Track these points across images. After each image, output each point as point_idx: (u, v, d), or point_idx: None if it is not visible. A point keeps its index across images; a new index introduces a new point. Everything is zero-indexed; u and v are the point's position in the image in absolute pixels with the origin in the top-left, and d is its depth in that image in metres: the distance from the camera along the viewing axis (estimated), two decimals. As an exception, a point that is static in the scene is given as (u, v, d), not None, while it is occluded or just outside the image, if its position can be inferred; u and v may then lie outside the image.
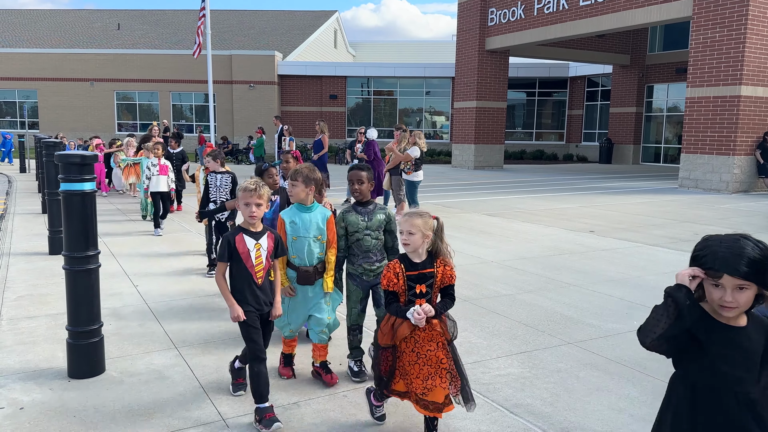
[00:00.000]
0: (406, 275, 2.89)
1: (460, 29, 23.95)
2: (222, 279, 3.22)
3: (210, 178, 6.20)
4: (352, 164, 11.88)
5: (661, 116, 26.78)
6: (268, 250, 3.27)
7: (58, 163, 3.67)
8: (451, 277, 2.98)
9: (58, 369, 3.85)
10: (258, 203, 3.18)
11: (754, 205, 12.67)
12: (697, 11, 15.50)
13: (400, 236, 2.96)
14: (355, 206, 3.68)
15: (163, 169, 9.06)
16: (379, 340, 3.00)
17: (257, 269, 3.22)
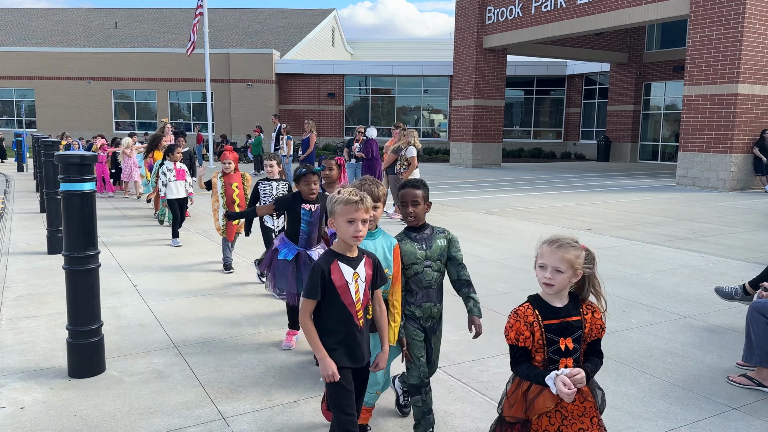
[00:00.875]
0: (543, 325, 2.21)
1: (458, 27, 23.95)
2: (309, 321, 2.48)
3: (263, 186, 5.39)
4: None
5: (659, 114, 26.82)
6: (367, 280, 2.55)
7: (57, 163, 3.68)
8: (601, 328, 2.30)
9: (58, 368, 3.87)
10: (364, 219, 2.46)
11: (751, 202, 12.71)
12: (694, 9, 15.53)
13: (542, 273, 2.24)
14: (408, 232, 3.04)
15: (180, 173, 8.22)
16: (504, 412, 2.31)
17: (357, 307, 2.51)
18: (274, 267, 4.10)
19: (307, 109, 31.97)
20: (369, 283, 2.55)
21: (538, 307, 2.23)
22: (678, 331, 4.66)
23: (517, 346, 2.22)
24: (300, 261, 4.07)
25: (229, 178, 6.41)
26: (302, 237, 4.12)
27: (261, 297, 5.56)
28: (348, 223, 2.44)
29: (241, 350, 4.21)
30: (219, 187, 6.42)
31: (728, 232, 9.07)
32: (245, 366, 3.93)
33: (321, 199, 4.12)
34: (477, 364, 3.98)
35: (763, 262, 6.66)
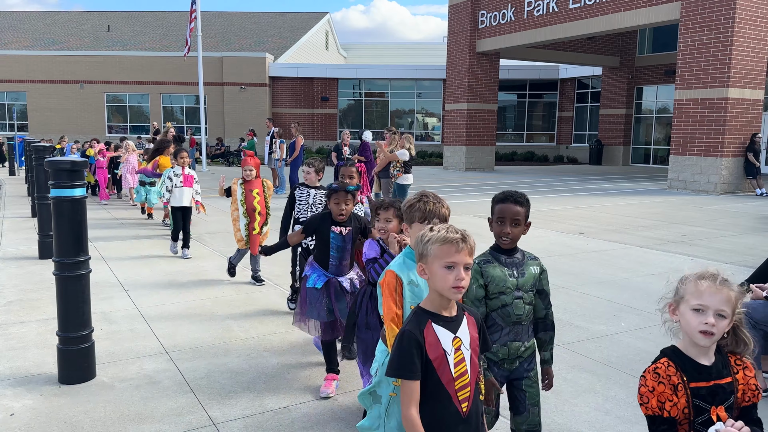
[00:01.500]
0: (690, 389, 1.75)
1: (451, 31, 24.03)
2: (417, 415, 1.82)
3: (300, 192, 5.03)
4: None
5: (651, 118, 26.98)
6: (473, 347, 1.97)
7: (48, 169, 3.68)
8: (757, 389, 1.81)
9: (48, 375, 3.86)
10: (468, 263, 1.90)
11: (741, 206, 12.80)
12: (684, 14, 15.65)
13: (699, 319, 1.76)
14: (496, 253, 2.55)
15: (188, 179, 7.64)
16: None
17: (459, 385, 1.89)
18: (303, 296, 3.71)
19: (300, 112, 31.98)
20: (476, 349, 1.97)
21: (681, 365, 1.77)
22: (668, 335, 4.68)
23: (660, 417, 1.74)
24: (330, 289, 3.67)
25: (250, 185, 6.02)
26: (332, 263, 3.69)
27: (252, 302, 5.56)
28: (447, 269, 1.85)
29: (232, 355, 4.21)
30: (239, 195, 6.03)
31: (719, 235, 9.13)
32: (236, 371, 3.93)
33: (353, 221, 3.73)
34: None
35: (753, 265, 6.71)
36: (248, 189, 6.02)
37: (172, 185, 7.53)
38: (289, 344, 4.43)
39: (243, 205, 6.01)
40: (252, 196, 5.99)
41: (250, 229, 6.04)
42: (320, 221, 3.74)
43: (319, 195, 5.02)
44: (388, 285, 2.49)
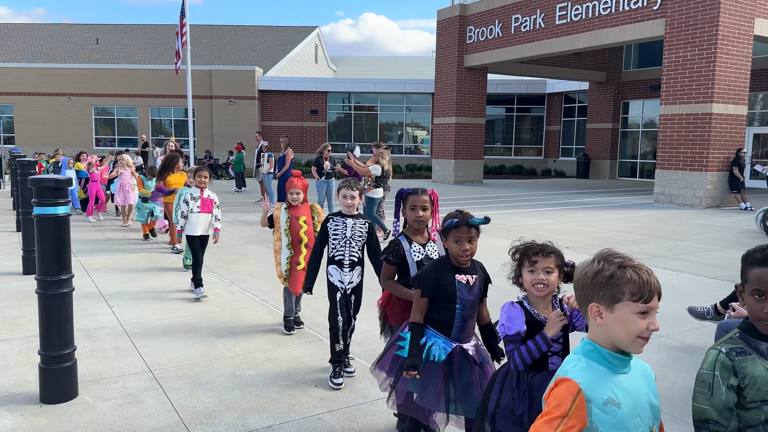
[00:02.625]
0: None
1: (439, 46, 24.23)
2: None
3: (335, 224, 4.03)
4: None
5: (637, 132, 27.28)
6: None
7: (31, 187, 3.66)
8: None
9: (29, 394, 3.81)
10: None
11: (726, 220, 12.94)
12: (668, 31, 15.90)
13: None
14: (754, 340, 1.88)
15: (207, 204, 6.49)
16: None
17: None
18: None
19: (289, 125, 32.00)
20: None
21: None
22: (652, 351, 4.71)
23: None
24: (454, 362, 2.80)
25: (296, 210, 5.04)
26: (458, 324, 2.81)
27: (237, 319, 5.53)
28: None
29: (216, 374, 4.18)
30: (283, 222, 5.02)
31: (703, 249, 9.22)
32: (220, 390, 3.90)
33: (476, 267, 2.89)
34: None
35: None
36: (294, 216, 5.02)
37: (188, 210, 6.42)
38: (274, 362, 4.41)
39: (288, 236, 5.02)
40: (298, 224, 4.99)
41: (293, 264, 5.00)
42: (439, 270, 2.80)
43: (360, 226, 4.04)
44: (560, 404, 1.54)
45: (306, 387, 3.95)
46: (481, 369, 2.83)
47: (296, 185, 5.05)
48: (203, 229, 6.48)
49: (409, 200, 3.29)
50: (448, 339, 2.82)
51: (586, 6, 18.39)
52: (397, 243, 3.27)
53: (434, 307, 2.82)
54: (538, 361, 2.37)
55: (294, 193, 5.03)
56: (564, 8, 19.14)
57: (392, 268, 3.29)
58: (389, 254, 3.26)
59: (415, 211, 3.26)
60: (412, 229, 3.31)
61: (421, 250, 3.30)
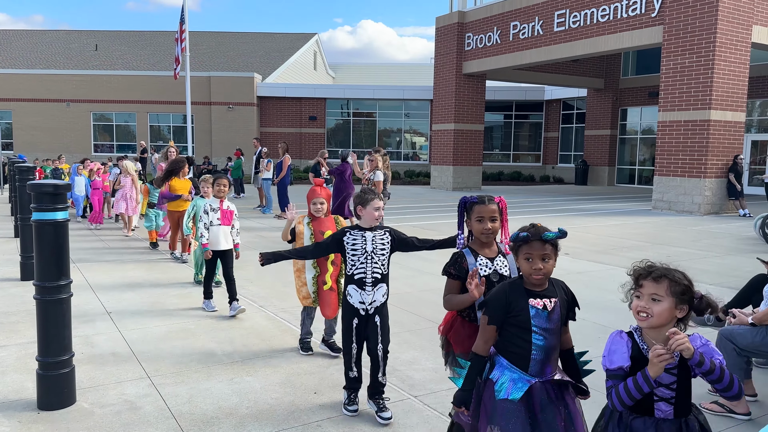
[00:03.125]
0: None
1: (438, 53, 24.30)
2: None
3: (352, 237, 3.57)
4: None
5: (635, 138, 27.34)
6: None
7: (30, 192, 3.65)
8: None
9: (27, 400, 3.78)
10: None
11: (725, 226, 12.95)
12: (666, 38, 15.96)
13: None
14: None
15: (227, 215, 5.91)
16: None
17: None
18: (485, 410, 2.45)
19: (288, 131, 32.05)
20: None
21: None
22: (652, 357, 4.70)
23: None
24: (534, 401, 2.41)
25: (320, 224, 4.49)
26: (535, 357, 2.41)
27: (236, 326, 5.51)
28: None
29: (215, 380, 4.16)
30: (306, 238, 4.47)
31: (702, 256, 9.22)
32: (219, 397, 3.88)
33: (556, 288, 2.48)
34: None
35: (736, 286, 6.77)
36: (318, 230, 4.46)
37: (208, 222, 5.83)
38: (273, 369, 4.39)
39: None
40: (323, 238, 4.30)
41: (320, 284, 4.50)
42: (509, 293, 2.43)
43: (380, 238, 3.60)
44: None
45: (305, 394, 3.93)
46: (566, 409, 2.43)
47: (319, 194, 4.52)
48: (225, 243, 5.88)
49: (474, 210, 2.91)
50: (525, 374, 2.41)
51: (584, 13, 18.47)
52: (460, 255, 2.90)
53: (507, 337, 2.44)
54: (642, 403, 2.10)
55: (317, 203, 4.50)
56: (562, 15, 19.21)
57: (454, 282, 2.86)
58: (450, 266, 2.89)
59: (483, 222, 2.88)
60: (479, 242, 2.93)
61: (488, 263, 2.90)
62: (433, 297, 5.73)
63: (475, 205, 2.92)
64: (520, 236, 2.41)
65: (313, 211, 4.50)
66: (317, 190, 4.53)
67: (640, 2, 16.75)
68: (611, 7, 17.60)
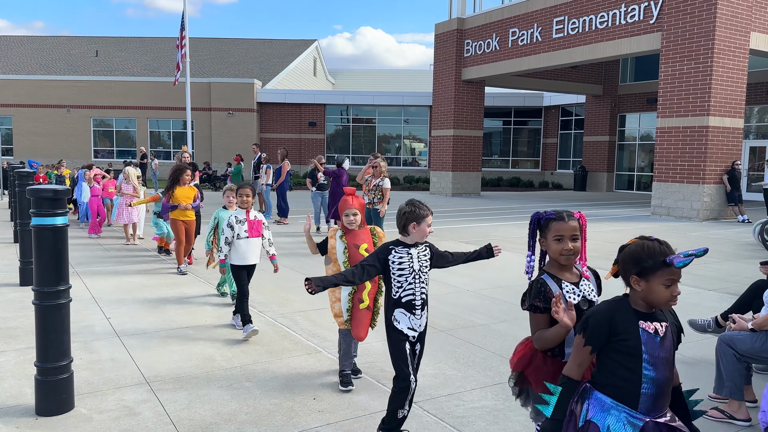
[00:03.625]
0: None
1: (437, 59, 24.37)
2: None
3: (398, 255, 3.19)
4: None
5: (634, 144, 27.39)
6: None
7: (29, 197, 3.65)
8: None
9: (25, 406, 3.77)
10: None
11: (724, 232, 12.96)
12: (665, 44, 16.01)
13: None
14: None
15: (255, 227, 5.42)
16: None
17: None
18: None
19: (288, 137, 32.11)
20: None
21: None
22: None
23: None
24: None
25: (355, 237, 4.06)
26: (646, 391, 2.11)
27: (236, 331, 5.50)
28: None
29: (214, 386, 4.15)
30: (340, 253, 4.06)
31: (701, 262, 9.22)
32: (218, 402, 3.87)
33: (665, 312, 2.19)
34: (453, 399, 3.97)
35: (736, 292, 6.78)
36: (352, 243, 4.04)
37: (233, 235, 5.33)
38: (272, 375, 4.38)
39: (347, 267, 3.97)
40: (359, 254, 3.98)
41: (355, 302, 4.04)
42: (616, 312, 2.14)
43: (422, 254, 3.26)
44: None
45: (304, 399, 3.93)
46: None
47: (351, 205, 4.04)
48: (256, 257, 5.41)
49: (551, 228, 2.53)
50: (635, 412, 2.09)
51: (582, 20, 18.54)
52: (541, 283, 2.49)
53: (609, 366, 2.11)
54: None
55: (350, 215, 4.03)
56: (561, 22, 19.28)
57: (543, 316, 2.48)
58: (535, 299, 2.48)
59: (563, 242, 2.50)
60: (556, 265, 2.55)
61: (574, 289, 2.52)
62: (432, 301, 5.72)
63: (552, 222, 2.54)
64: (659, 261, 2.08)
65: (346, 224, 4.04)
66: (349, 200, 4.05)
67: (639, 9, 16.82)
68: (610, 14, 17.67)
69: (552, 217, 2.57)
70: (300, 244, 10.54)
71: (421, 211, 3.17)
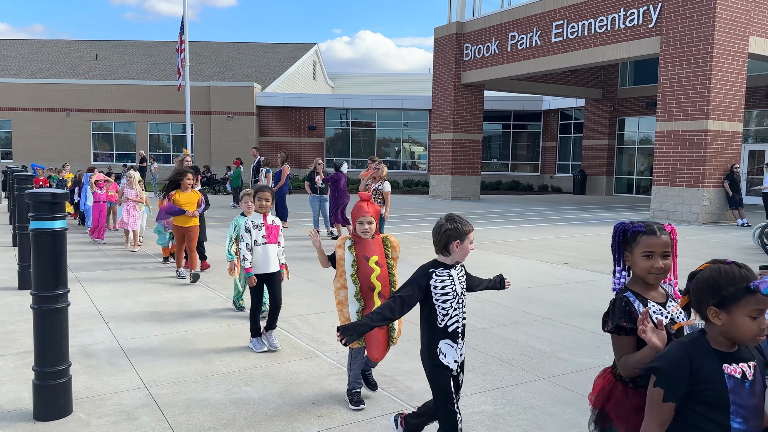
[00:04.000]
0: None
1: (437, 63, 24.41)
2: None
3: (440, 279, 2.93)
4: None
5: (633, 148, 27.42)
6: None
7: (28, 201, 3.65)
8: None
9: (23, 411, 3.76)
10: None
11: (723, 236, 12.96)
12: (664, 48, 16.04)
13: None
14: None
15: (273, 232, 5.06)
16: None
17: None
18: None
19: (287, 141, 32.12)
20: None
21: None
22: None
23: None
24: None
25: (364, 248, 3.72)
26: None
27: (235, 335, 5.49)
28: None
29: (213, 390, 4.13)
30: (348, 265, 3.73)
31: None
32: (216, 407, 3.86)
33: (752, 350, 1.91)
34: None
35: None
36: (362, 255, 3.71)
37: (252, 242, 4.95)
38: (271, 379, 4.37)
39: (356, 282, 3.71)
40: (369, 267, 3.69)
41: None
42: (694, 354, 1.83)
43: (461, 275, 3.03)
44: None
45: (303, 404, 3.91)
46: None
47: (367, 212, 3.68)
48: (275, 265, 5.02)
49: (640, 242, 2.20)
50: None
51: (582, 24, 18.57)
52: (626, 301, 2.19)
53: (690, 419, 1.81)
54: None
55: (365, 223, 3.67)
56: (560, 26, 19.32)
57: (629, 339, 2.15)
58: (619, 319, 2.17)
59: (652, 259, 2.17)
60: (642, 284, 2.24)
61: (660, 310, 2.20)
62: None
63: (641, 236, 2.21)
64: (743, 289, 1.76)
65: (360, 232, 3.68)
66: (363, 206, 3.69)
67: (638, 13, 16.85)
68: (609, 18, 17.70)
69: (641, 229, 2.22)
70: (300, 248, 10.54)
71: (464, 227, 2.91)
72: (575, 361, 4.81)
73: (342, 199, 11.73)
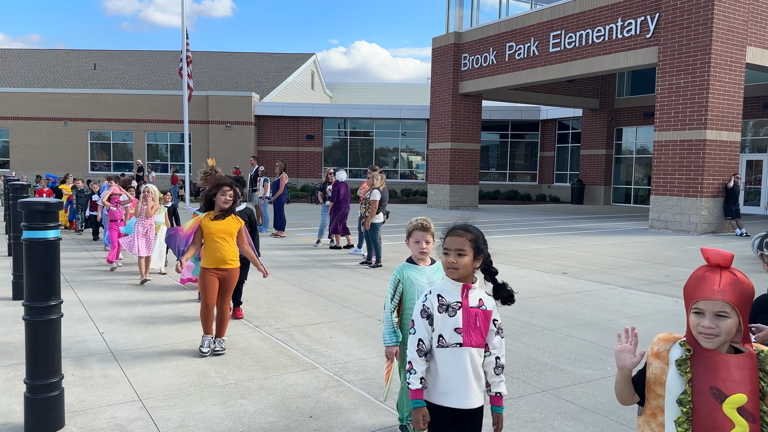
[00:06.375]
0: None
1: (435, 73, 24.46)
2: None
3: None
4: None
5: (631, 158, 27.45)
6: None
7: (21, 210, 3.59)
8: None
9: (14, 424, 3.68)
10: None
11: (722, 246, 12.91)
12: (661, 58, 16.08)
13: None
14: None
15: (478, 322, 2.82)
16: None
17: None
18: None
19: (285, 150, 32.10)
20: None
21: None
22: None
23: None
24: None
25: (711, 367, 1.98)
26: None
27: (231, 346, 5.42)
28: None
29: (208, 403, 4.06)
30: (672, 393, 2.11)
31: (701, 275, 9.16)
32: (211, 420, 3.78)
33: None
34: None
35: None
36: (707, 382, 2.15)
37: (436, 337, 2.93)
38: (267, 391, 4.29)
39: None
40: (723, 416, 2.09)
41: None
42: None
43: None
44: None
45: (300, 417, 3.84)
46: None
47: None
48: (479, 399, 3.83)
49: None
50: None
51: (579, 34, 18.63)
52: None
53: None
54: None
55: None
56: (558, 36, 19.38)
57: None
58: None
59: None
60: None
61: None
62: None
63: None
64: None
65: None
66: None
67: (635, 23, 16.91)
68: (606, 28, 17.76)
69: None
70: (297, 258, 10.46)
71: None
72: (577, 373, 4.74)
73: (342, 209, 11.70)
